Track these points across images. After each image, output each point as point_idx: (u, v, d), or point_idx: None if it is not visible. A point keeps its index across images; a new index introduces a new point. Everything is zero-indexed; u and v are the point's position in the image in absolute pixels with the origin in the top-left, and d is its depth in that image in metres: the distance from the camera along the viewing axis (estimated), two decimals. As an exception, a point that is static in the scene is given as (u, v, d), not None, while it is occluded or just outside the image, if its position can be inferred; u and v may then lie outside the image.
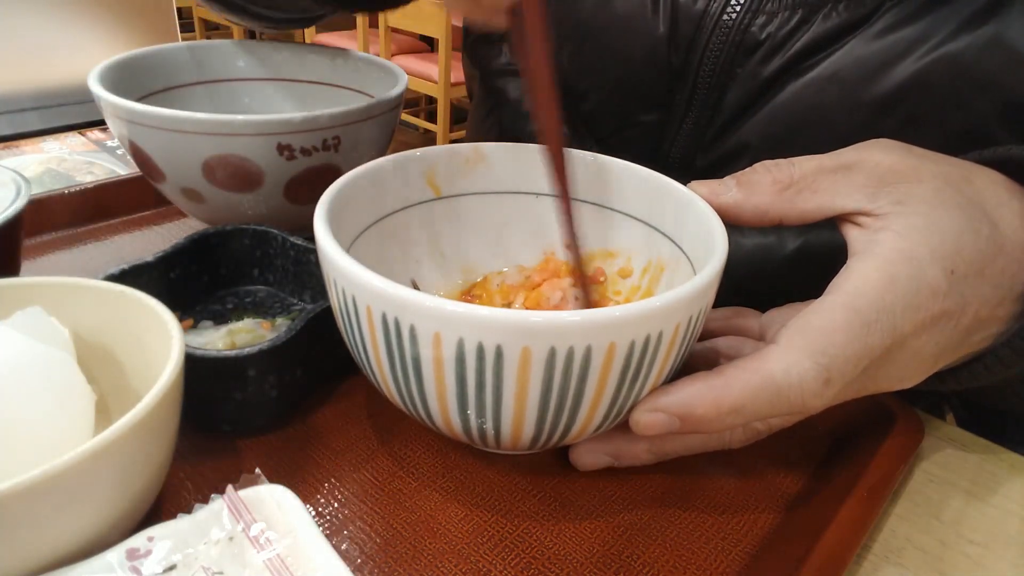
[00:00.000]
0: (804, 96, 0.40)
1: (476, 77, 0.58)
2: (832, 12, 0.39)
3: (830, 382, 0.27)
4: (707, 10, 0.42)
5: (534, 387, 0.26)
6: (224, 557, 0.25)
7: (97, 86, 0.43)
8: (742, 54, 0.42)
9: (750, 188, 0.32)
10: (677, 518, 0.32)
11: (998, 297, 0.30)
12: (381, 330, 0.26)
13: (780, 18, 0.40)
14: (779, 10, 0.40)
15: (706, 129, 0.44)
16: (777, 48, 0.41)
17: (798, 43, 0.40)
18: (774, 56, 0.41)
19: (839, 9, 0.39)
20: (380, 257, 0.36)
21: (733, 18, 0.41)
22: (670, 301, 0.25)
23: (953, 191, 0.31)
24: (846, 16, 0.39)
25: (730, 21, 0.41)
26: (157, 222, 0.54)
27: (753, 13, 0.41)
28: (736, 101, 0.42)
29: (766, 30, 0.41)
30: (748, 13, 0.41)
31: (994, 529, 0.33)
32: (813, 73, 0.40)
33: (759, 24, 0.41)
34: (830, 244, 0.30)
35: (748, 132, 0.43)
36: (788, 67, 0.41)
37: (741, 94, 0.42)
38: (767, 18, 0.41)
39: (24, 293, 0.30)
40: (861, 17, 0.38)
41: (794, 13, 0.40)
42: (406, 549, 0.29)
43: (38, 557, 0.23)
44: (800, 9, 0.40)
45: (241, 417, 0.34)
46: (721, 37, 0.42)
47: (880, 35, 0.38)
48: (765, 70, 0.41)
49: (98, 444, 0.23)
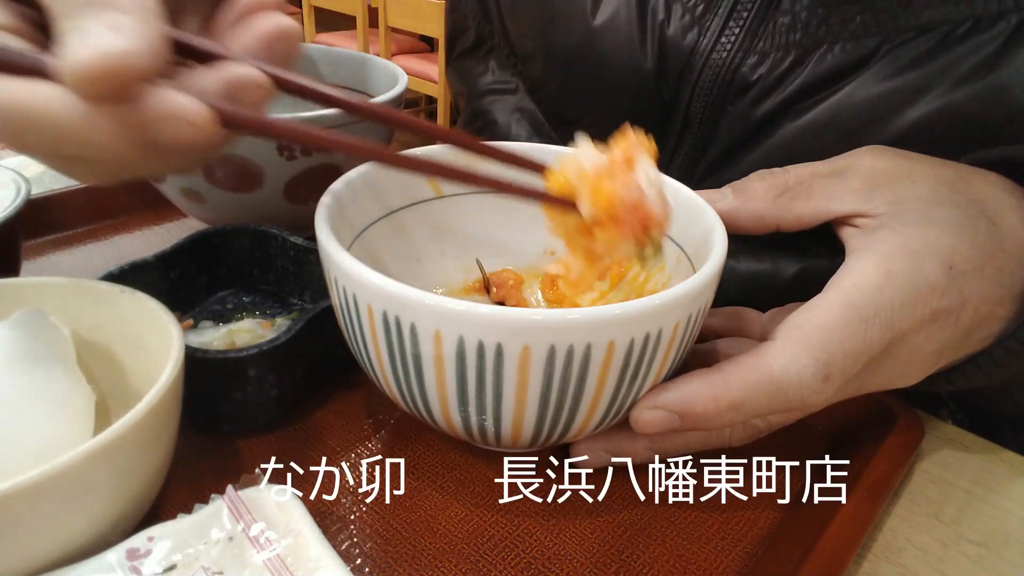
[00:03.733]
0: (801, 140, 0.39)
1: (464, 95, 0.57)
2: (828, 54, 0.37)
3: (829, 379, 0.27)
4: (696, 47, 0.40)
5: (534, 385, 0.26)
6: (224, 557, 0.25)
7: (97, 86, 0.43)
8: (733, 93, 0.40)
9: (746, 195, 0.32)
10: (677, 518, 0.32)
11: (998, 296, 0.30)
12: (382, 328, 0.26)
13: (772, 59, 0.39)
14: (771, 50, 0.39)
15: (698, 163, 0.43)
16: (770, 90, 0.39)
17: (792, 85, 0.38)
18: (766, 98, 0.39)
19: (835, 51, 0.37)
20: (381, 256, 0.36)
21: (724, 56, 0.40)
22: (670, 299, 0.25)
23: (949, 190, 0.31)
24: (842, 58, 0.37)
25: (720, 60, 0.40)
26: (157, 222, 0.54)
27: (744, 52, 0.39)
28: (728, 138, 0.41)
29: (758, 71, 0.39)
30: (739, 52, 0.39)
31: (994, 529, 0.33)
32: (808, 117, 0.38)
33: (750, 64, 0.39)
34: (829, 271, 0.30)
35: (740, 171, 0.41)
36: (782, 109, 0.39)
37: (733, 132, 0.41)
38: (759, 58, 0.39)
39: (24, 293, 0.30)
40: (858, 60, 0.37)
41: (787, 54, 0.38)
42: (406, 549, 0.29)
43: (38, 557, 0.23)
44: (793, 50, 0.38)
45: (241, 417, 0.34)
46: (711, 75, 0.40)
47: (879, 81, 0.36)
48: (758, 111, 0.40)
49: (98, 444, 0.23)
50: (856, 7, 0.36)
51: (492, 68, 0.54)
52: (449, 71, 0.60)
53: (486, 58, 0.54)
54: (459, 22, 0.57)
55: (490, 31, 0.53)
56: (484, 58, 0.55)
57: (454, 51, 0.59)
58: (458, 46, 0.58)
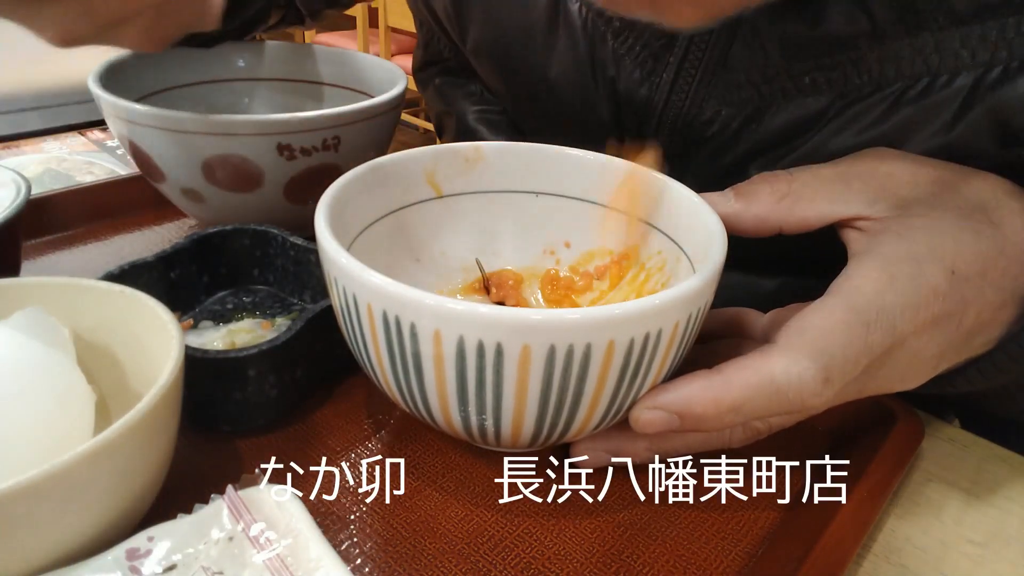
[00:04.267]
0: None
1: (451, 115, 0.56)
2: (780, 112, 0.37)
3: (830, 381, 0.27)
4: (651, 100, 0.40)
5: (534, 384, 0.26)
6: (224, 557, 0.25)
7: (97, 86, 0.43)
8: (693, 145, 0.40)
9: (749, 198, 0.32)
10: (677, 518, 0.32)
11: (1000, 299, 0.30)
12: (382, 328, 0.26)
13: (724, 115, 0.38)
14: (722, 107, 0.38)
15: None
16: (728, 143, 0.39)
17: (751, 139, 0.38)
18: (727, 151, 0.39)
19: (788, 108, 0.36)
20: (380, 256, 0.36)
21: (678, 111, 0.39)
22: (669, 299, 0.25)
23: (952, 194, 0.31)
24: (797, 114, 0.36)
25: (675, 114, 0.39)
26: (157, 222, 0.54)
27: (699, 108, 0.38)
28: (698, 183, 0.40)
29: (712, 128, 0.39)
30: (693, 107, 0.39)
31: (994, 529, 0.33)
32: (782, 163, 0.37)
33: (704, 121, 0.39)
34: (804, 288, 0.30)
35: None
36: (747, 159, 0.39)
37: (704, 175, 0.40)
38: (712, 115, 0.38)
39: (24, 293, 0.30)
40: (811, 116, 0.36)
41: (739, 111, 0.38)
42: (406, 549, 0.29)
43: (38, 557, 0.23)
44: (745, 108, 0.38)
45: (241, 417, 0.34)
46: (668, 128, 0.40)
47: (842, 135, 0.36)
48: (722, 160, 0.39)
49: (98, 444, 0.23)
50: (804, 66, 0.36)
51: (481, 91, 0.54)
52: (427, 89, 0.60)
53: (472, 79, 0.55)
54: (434, 55, 0.57)
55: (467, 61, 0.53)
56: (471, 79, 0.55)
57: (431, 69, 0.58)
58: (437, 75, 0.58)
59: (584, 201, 0.38)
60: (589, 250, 0.39)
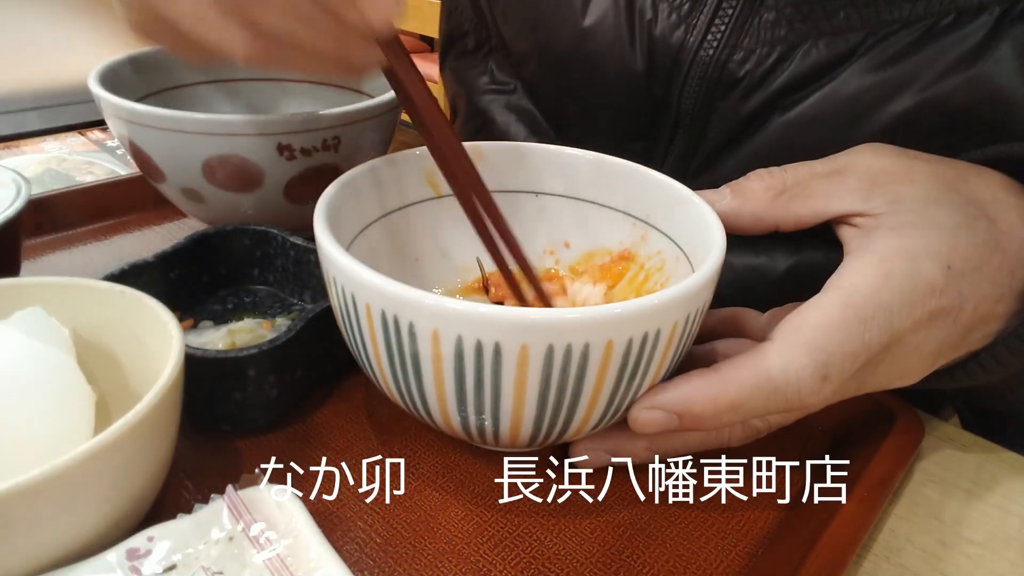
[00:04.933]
0: (787, 135, 0.39)
1: (462, 95, 0.57)
2: (812, 49, 0.38)
3: (827, 378, 0.27)
4: (684, 44, 0.41)
5: (532, 384, 0.26)
6: (224, 557, 0.25)
7: (97, 86, 0.43)
8: (722, 89, 0.41)
9: (744, 196, 0.32)
10: (677, 518, 0.32)
11: (997, 294, 0.30)
12: (380, 327, 0.26)
13: (758, 55, 0.39)
14: (757, 47, 0.39)
15: (691, 161, 0.44)
16: (757, 86, 0.39)
17: (777, 81, 0.39)
18: (754, 93, 0.40)
19: (819, 46, 0.38)
20: (380, 255, 0.36)
21: (711, 54, 0.40)
22: (668, 299, 0.25)
23: (947, 189, 0.31)
24: (827, 53, 0.37)
25: (707, 57, 0.40)
26: (157, 222, 0.54)
27: (731, 49, 0.40)
28: (718, 135, 0.42)
29: (744, 67, 0.39)
30: (725, 49, 0.40)
31: (994, 529, 0.33)
32: (796, 111, 0.39)
33: (737, 60, 0.40)
34: (823, 265, 0.30)
35: (732, 167, 0.42)
36: (770, 104, 0.40)
37: (723, 128, 0.41)
38: (745, 55, 0.39)
39: (24, 293, 0.30)
40: (843, 54, 0.37)
41: (772, 50, 0.39)
42: (406, 549, 0.29)
43: (38, 557, 0.23)
44: (779, 46, 0.38)
45: (241, 417, 0.34)
46: (700, 72, 0.41)
47: (865, 74, 0.37)
48: (746, 106, 0.40)
49: (98, 444, 0.23)
50: (839, 2, 0.37)
51: (491, 69, 0.54)
52: (444, 72, 0.60)
53: (485, 59, 0.55)
54: (455, 28, 0.57)
55: (487, 35, 0.53)
56: (483, 59, 0.55)
57: (450, 53, 0.59)
58: (455, 49, 0.58)
59: (584, 201, 0.38)
60: (589, 250, 0.39)
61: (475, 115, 0.55)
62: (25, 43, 0.88)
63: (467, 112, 0.56)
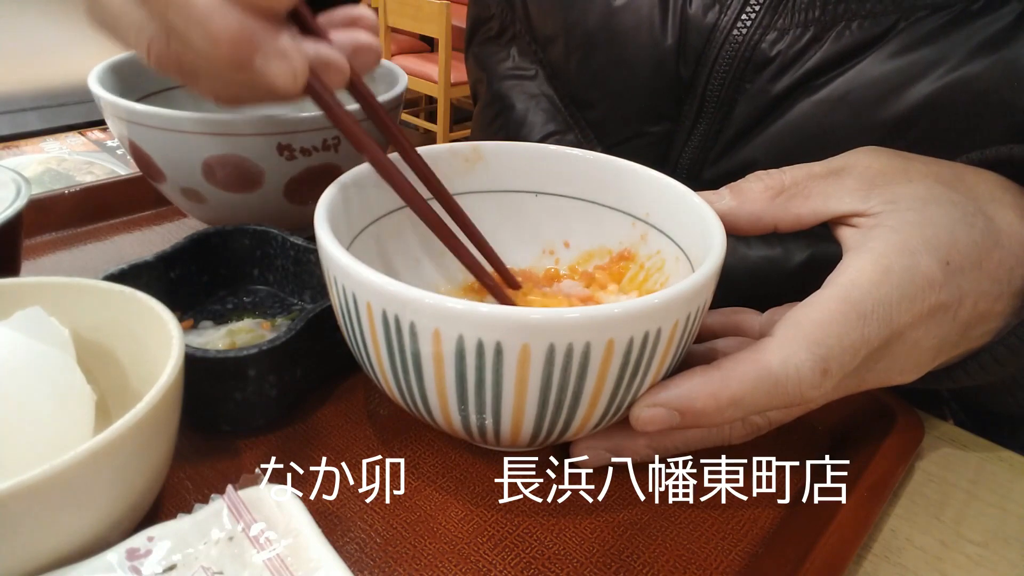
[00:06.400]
0: (814, 115, 0.40)
1: (483, 80, 0.58)
2: (845, 31, 0.38)
3: (828, 373, 0.27)
4: (717, 24, 0.41)
5: (533, 383, 0.26)
6: (224, 557, 0.25)
7: (97, 86, 0.43)
8: (752, 70, 0.41)
9: (743, 196, 0.33)
10: (677, 518, 0.32)
11: (996, 291, 0.30)
12: (381, 327, 0.26)
13: (791, 35, 0.40)
14: (790, 27, 0.40)
15: (714, 142, 0.44)
16: (787, 66, 0.40)
17: (809, 62, 0.39)
18: (784, 74, 0.40)
19: (852, 28, 0.38)
20: (380, 255, 0.36)
21: (744, 33, 0.41)
22: (668, 298, 0.25)
23: (944, 188, 0.31)
24: (859, 35, 0.38)
25: (740, 36, 0.41)
26: (157, 222, 0.54)
27: (764, 29, 0.40)
28: (744, 116, 0.42)
29: (776, 47, 0.40)
30: (759, 29, 0.40)
31: (994, 529, 0.33)
32: (824, 92, 0.39)
33: (769, 41, 0.40)
34: (838, 257, 0.30)
35: (756, 148, 0.42)
36: (798, 85, 0.40)
37: (750, 109, 0.42)
38: (778, 35, 0.40)
39: (24, 293, 0.30)
40: (875, 36, 0.38)
41: (806, 31, 0.39)
42: (406, 549, 0.29)
43: (38, 557, 0.23)
44: (812, 27, 0.39)
45: (241, 417, 0.34)
46: (731, 52, 0.41)
47: (893, 56, 0.37)
48: (775, 87, 0.41)
49: (98, 444, 0.23)
50: None
51: (513, 55, 0.55)
52: (468, 58, 0.61)
53: (508, 45, 0.55)
54: (483, 11, 0.58)
55: (512, 19, 0.54)
56: (506, 45, 0.55)
57: (475, 38, 0.59)
58: (480, 34, 0.58)
59: (584, 201, 0.38)
60: (589, 250, 0.39)
61: (494, 100, 0.55)
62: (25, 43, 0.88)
63: (487, 97, 0.57)
